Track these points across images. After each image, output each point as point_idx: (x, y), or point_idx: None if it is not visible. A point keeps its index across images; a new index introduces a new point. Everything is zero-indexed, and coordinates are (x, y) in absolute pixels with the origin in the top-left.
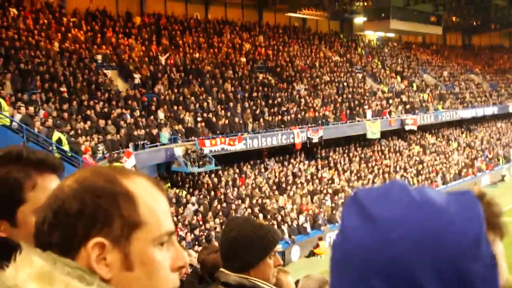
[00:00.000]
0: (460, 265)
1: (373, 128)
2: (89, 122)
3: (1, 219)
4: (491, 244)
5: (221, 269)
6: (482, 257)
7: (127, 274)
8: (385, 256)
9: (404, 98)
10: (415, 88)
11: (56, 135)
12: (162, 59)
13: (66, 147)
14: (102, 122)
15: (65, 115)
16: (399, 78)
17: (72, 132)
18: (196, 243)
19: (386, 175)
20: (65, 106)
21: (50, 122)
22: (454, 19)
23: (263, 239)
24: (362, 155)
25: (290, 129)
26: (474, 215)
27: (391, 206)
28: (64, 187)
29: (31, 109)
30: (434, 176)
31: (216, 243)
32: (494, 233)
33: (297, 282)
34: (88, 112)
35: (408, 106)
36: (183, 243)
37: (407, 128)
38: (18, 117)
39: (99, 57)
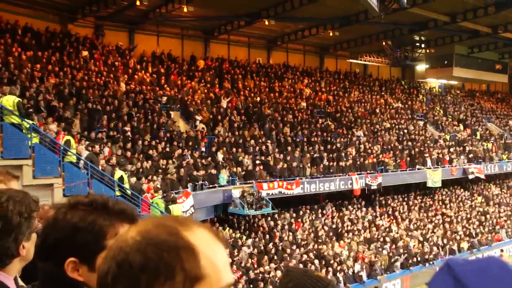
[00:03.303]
0: None
1: (433, 177)
2: (150, 162)
3: (82, 264)
4: None
5: None
6: None
7: None
8: None
9: (467, 147)
10: (478, 137)
11: (118, 173)
12: (224, 102)
13: (127, 185)
14: (163, 162)
15: (128, 154)
16: (461, 126)
17: (134, 171)
18: (251, 286)
19: (447, 225)
20: (129, 145)
21: (113, 160)
22: None
23: None
24: (422, 204)
25: (349, 175)
26: None
27: (491, 283)
28: (127, 239)
29: (97, 147)
30: (498, 228)
31: None
32: None
33: None
34: (150, 151)
35: (471, 155)
36: (240, 286)
37: (472, 176)
38: (84, 154)
39: (163, 98)
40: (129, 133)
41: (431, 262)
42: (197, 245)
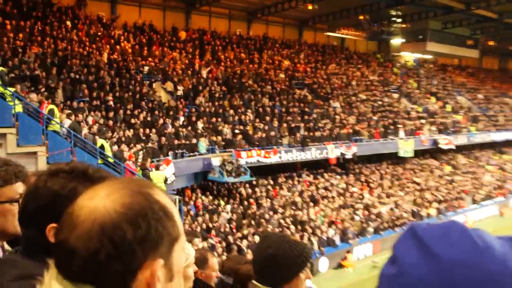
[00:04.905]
0: None
1: (406, 147)
2: (132, 130)
3: None
4: None
5: (254, 281)
6: None
7: (169, 284)
8: None
9: (438, 119)
10: (449, 109)
11: (100, 141)
12: (204, 73)
13: (109, 153)
14: (145, 131)
15: (110, 122)
16: (433, 99)
17: (116, 140)
18: (229, 250)
19: (417, 193)
20: (111, 114)
21: (95, 128)
22: (491, 43)
23: (299, 256)
24: (394, 172)
25: (324, 144)
26: None
27: (454, 246)
28: (111, 213)
29: (80, 116)
30: (464, 196)
31: (248, 254)
32: None
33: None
34: (132, 120)
35: (441, 127)
36: (220, 250)
37: (443, 147)
38: (67, 123)
39: (145, 68)
40: (111, 103)
41: (401, 227)
42: (170, 207)
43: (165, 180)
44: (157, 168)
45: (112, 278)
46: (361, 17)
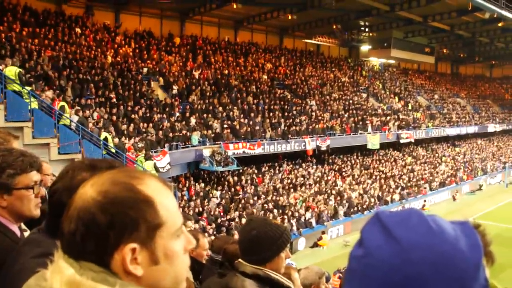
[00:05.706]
0: (464, 284)
1: (373, 140)
2: (132, 125)
3: None
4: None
5: (240, 260)
6: (480, 278)
7: (155, 267)
8: (406, 272)
9: (401, 116)
10: (410, 107)
11: (103, 134)
12: (196, 74)
13: (111, 144)
14: (144, 125)
15: (114, 118)
16: (397, 99)
17: (118, 133)
18: (218, 231)
19: (382, 181)
20: (114, 110)
21: (100, 123)
22: (445, 51)
23: (279, 238)
24: (363, 163)
25: (302, 138)
26: (475, 244)
27: (413, 230)
28: (89, 200)
29: (87, 112)
30: (423, 183)
31: (235, 235)
32: (486, 259)
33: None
34: (133, 116)
35: (403, 123)
36: (210, 231)
37: (404, 141)
38: (75, 118)
39: (144, 70)
40: (114, 100)
41: (368, 211)
42: (153, 196)
43: (156, 169)
44: (149, 158)
45: (89, 257)
46: (334, 27)
